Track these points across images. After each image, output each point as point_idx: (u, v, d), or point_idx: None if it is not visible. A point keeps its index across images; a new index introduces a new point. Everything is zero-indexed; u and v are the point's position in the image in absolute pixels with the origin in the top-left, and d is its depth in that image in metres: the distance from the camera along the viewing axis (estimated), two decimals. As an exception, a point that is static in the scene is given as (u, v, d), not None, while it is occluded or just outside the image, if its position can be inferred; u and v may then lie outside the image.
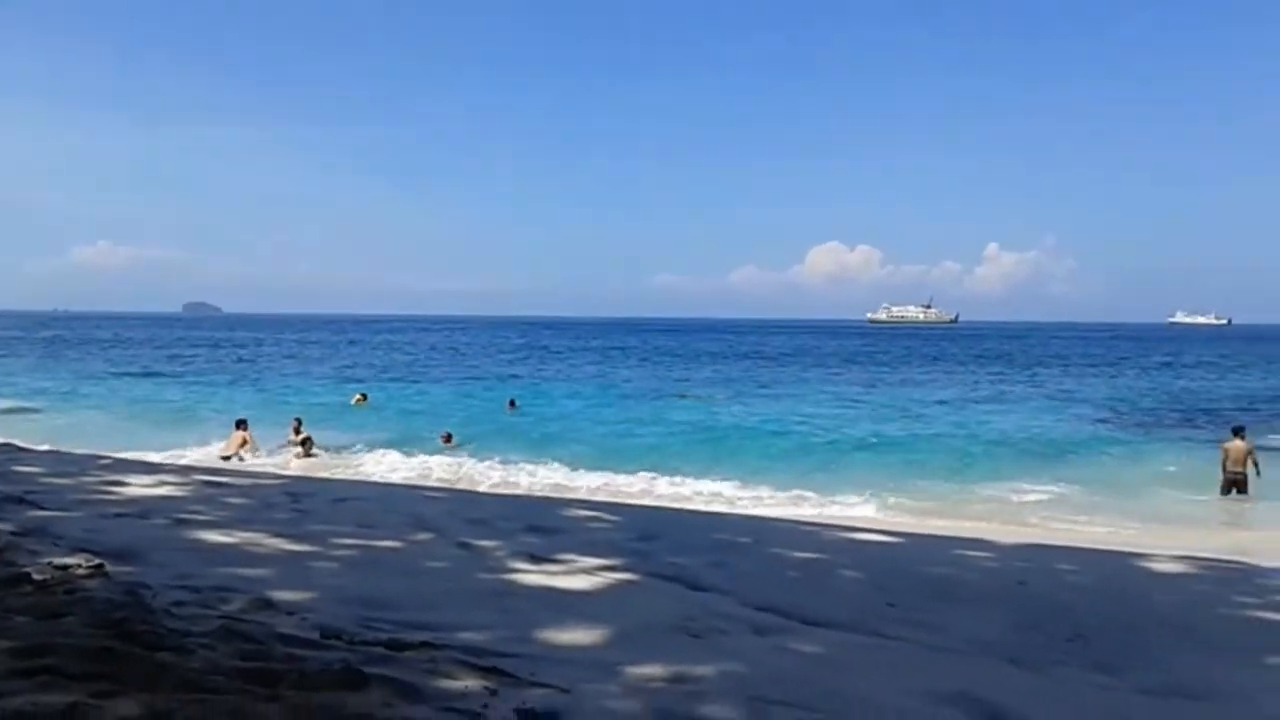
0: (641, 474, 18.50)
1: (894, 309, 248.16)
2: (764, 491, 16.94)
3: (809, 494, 16.53)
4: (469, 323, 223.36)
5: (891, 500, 16.34)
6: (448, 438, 22.98)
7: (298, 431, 21.69)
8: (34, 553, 6.15)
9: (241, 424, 21.51)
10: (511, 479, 17.76)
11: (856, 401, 36.36)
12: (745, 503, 15.78)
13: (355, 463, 20.20)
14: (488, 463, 19.63)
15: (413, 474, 18.35)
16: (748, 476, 18.53)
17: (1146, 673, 5.56)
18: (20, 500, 8.20)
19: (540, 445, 22.78)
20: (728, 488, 17.36)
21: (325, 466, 19.35)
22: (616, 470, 18.75)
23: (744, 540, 8.80)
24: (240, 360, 60.91)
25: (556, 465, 19.40)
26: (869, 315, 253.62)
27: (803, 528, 10.03)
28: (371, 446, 21.86)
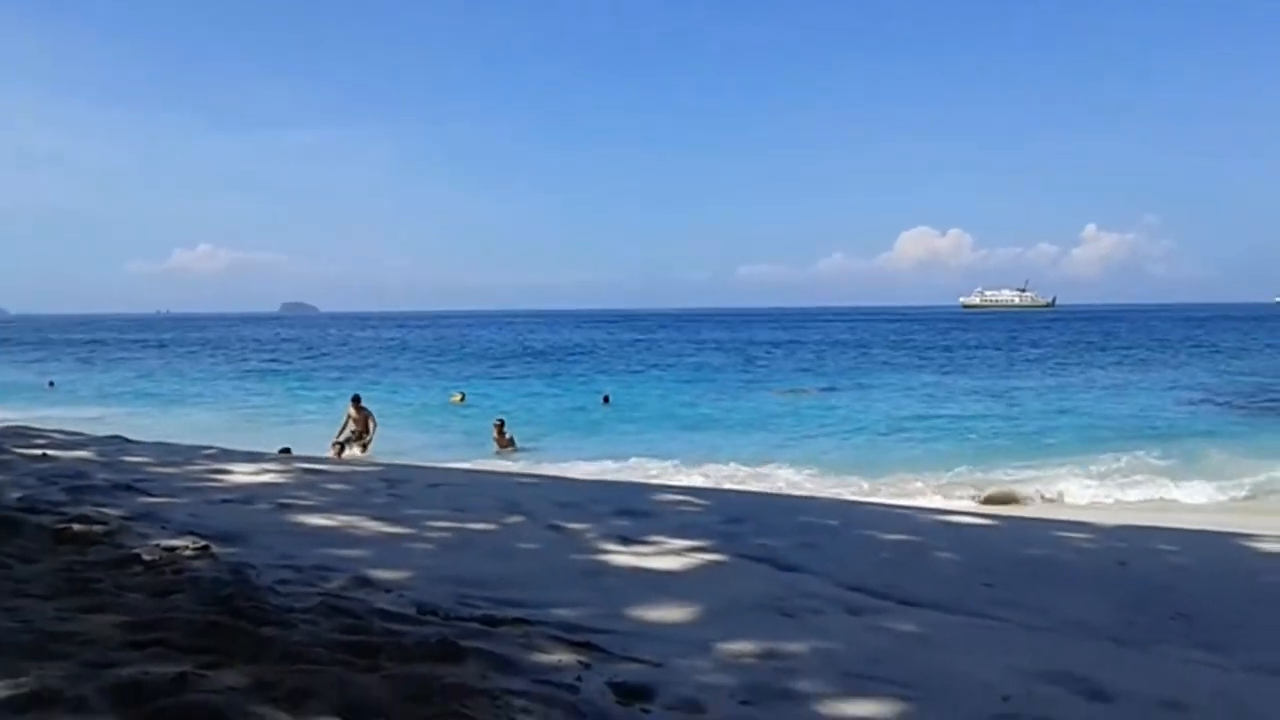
0: (733, 465, 18.46)
1: (988, 293, 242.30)
2: (857, 481, 16.78)
3: (911, 483, 16.29)
4: (556, 317, 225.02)
5: (992, 489, 15.99)
6: (502, 435, 22.51)
7: (501, 431, 21.80)
8: (143, 535, 6.41)
9: (357, 400, 21.17)
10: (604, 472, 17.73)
11: (954, 389, 35.68)
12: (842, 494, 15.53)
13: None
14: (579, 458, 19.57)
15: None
16: (846, 469, 18.37)
17: (1254, 651, 5.37)
18: (129, 487, 8.53)
19: (632, 439, 22.84)
20: (826, 479, 17.20)
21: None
22: (709, 463, 18.72)
23: (832, 522, 8.73)
24: (338, 358, 62.34)
25: (648, 460, 19.36)
26: (962, 299, 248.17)
27: (894, 510, 9.91)
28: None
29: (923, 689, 4.19)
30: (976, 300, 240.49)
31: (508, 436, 21.86)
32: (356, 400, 21.33)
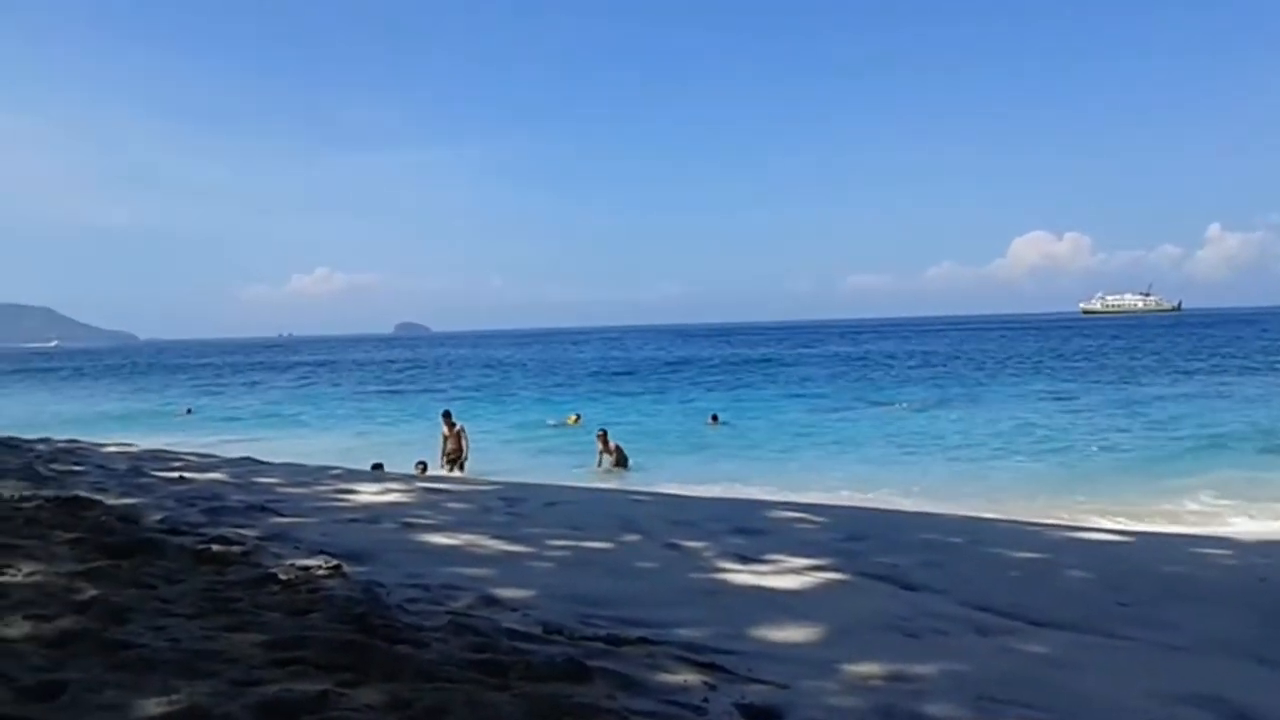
0: (846, 482, 18.16)
1: (1109, 298, 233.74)
2: (976, 498, 16.30)
3: (1034, 500, 15.73)
4: (658, 332, 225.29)
5: (1129, 508, 15.34)
6: (608, 445, 22.02)
7: (606, 441, 21.73)
8: (277, 555, 6.66)
9: (448, 416, 21.15)
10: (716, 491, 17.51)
11: (1076, 400, 34.43)
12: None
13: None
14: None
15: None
16: (962, 485, 17.91)
17: None
18: (262, 508, 8.87)
19: (742, 457, 22.65)
20: (943, 496, 16.74)
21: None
22: (821, 480, 18.42)
23: (957, 540, 8.53)
24: (451, 378, 63.57)
25: (759, 478, 19.13)
26: (1082, 305, 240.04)
27: (1021, 527, 9.62)
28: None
29: (1059, 713, 4.07)
30: (1098, 306, 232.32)
31: (614, 445, 21.59)
32: (448, 416, 21.43)
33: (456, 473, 19.82)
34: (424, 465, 19.31)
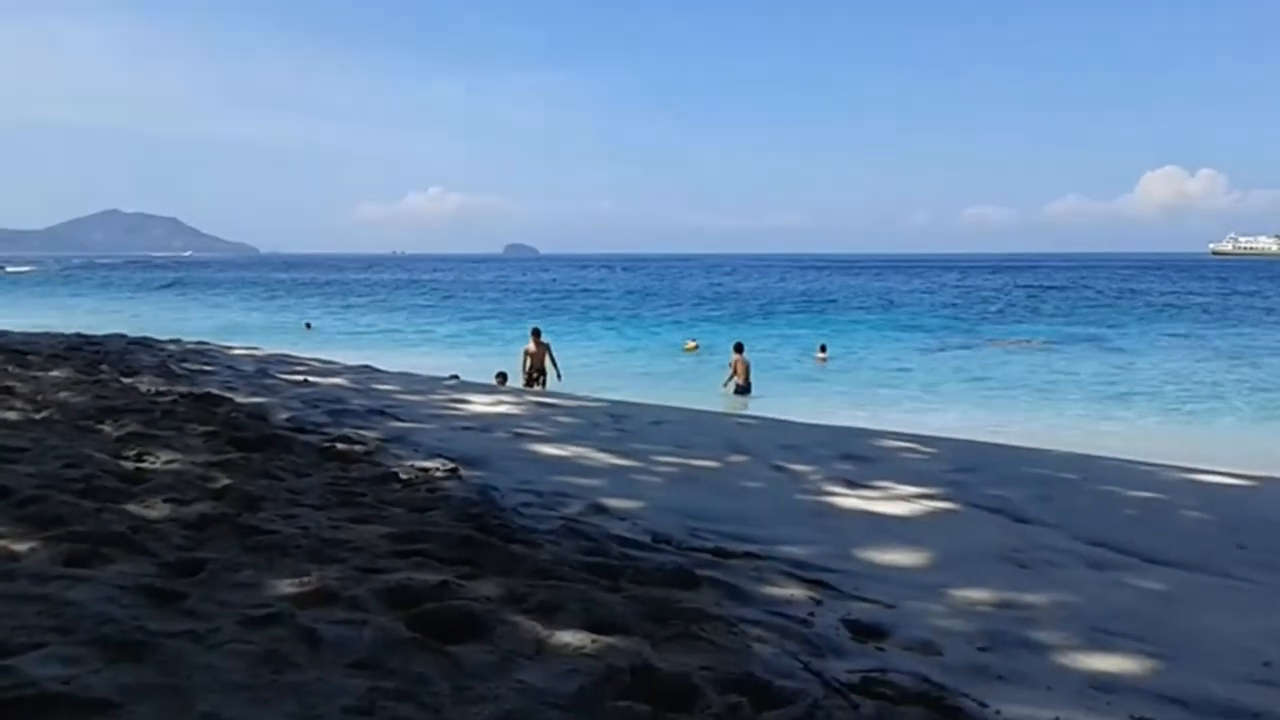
0: (953, 418, 17.77)
1: (1243, 240, 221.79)
2: (1087, 437, 15.78)
3: (1146, 440, 15.14)
4: (770, 261, 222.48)
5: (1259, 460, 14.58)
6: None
7: (740, 357, 21.00)
8: (397, 456, 6.92)
9: (537, 334, 20.71)
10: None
11: (1199, 345, 32.89)
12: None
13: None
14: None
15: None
16: (1074, 425, 17.37)
17: None
18: (381, 412, 9.19)
19: (848, 390, 22.33)
20: (1056, 435, 16.20)
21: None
22: (926, 415, 18.04)
23: (1070, 476, 8.34)
24: (564, 301, 64.07)
25: (866, 409, 18.75)
26: (1212, 246, 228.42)
27: (1136, 466, 9.34)
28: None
29: (1172, 647, 3.99)
30: (1229, 247, 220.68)
31: (745, 363, 21.03)
32: (536, 334, 20.97)
33: (536, 388, 19.80)
34: (504, 376, 19.39)
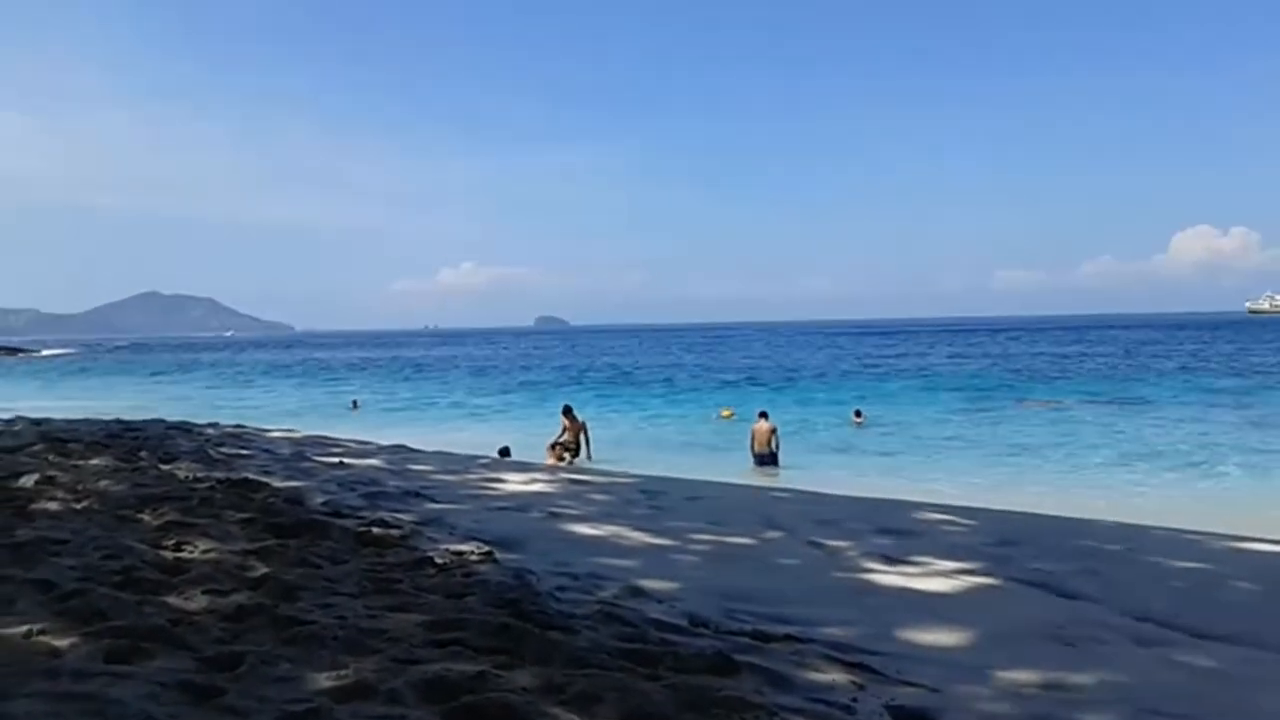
0: (993, 483, 17.52)
1: (1279, 298, 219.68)
2: (1127, 503, 15.48)
3: (1191, 509, 14.76)
4: (800, 329, 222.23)
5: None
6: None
7: (765, 423, 20.47)
8: (433, 540, 6.92)
9: (568, 411, 20.94)
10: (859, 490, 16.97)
11: (1236, 404, 32.22)
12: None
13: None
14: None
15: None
16: (1110, 489, 17.08)
17: None
18: (417, 494, 9.22)
19: (885, 455, 22.12)
20: (1092, 501, 15.93)
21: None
22: (967, 481, 17.80)
23: (1114, 547, 8.19)
24: (591, 373, 64.25)
25: (904, 476, 18.48)
26: (1248, 304, 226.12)
27: (1182, 535, 9.16)
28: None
29: (1230, 731, 3.89)
30: (1266, 305, 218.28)
31: (772, 428, 20.66)
32: (568, 411, 21.34)
33: (570, 461, 19.88)
34: (507, 450, 19.42)
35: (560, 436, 20.46)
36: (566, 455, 20.10)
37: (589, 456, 20.17)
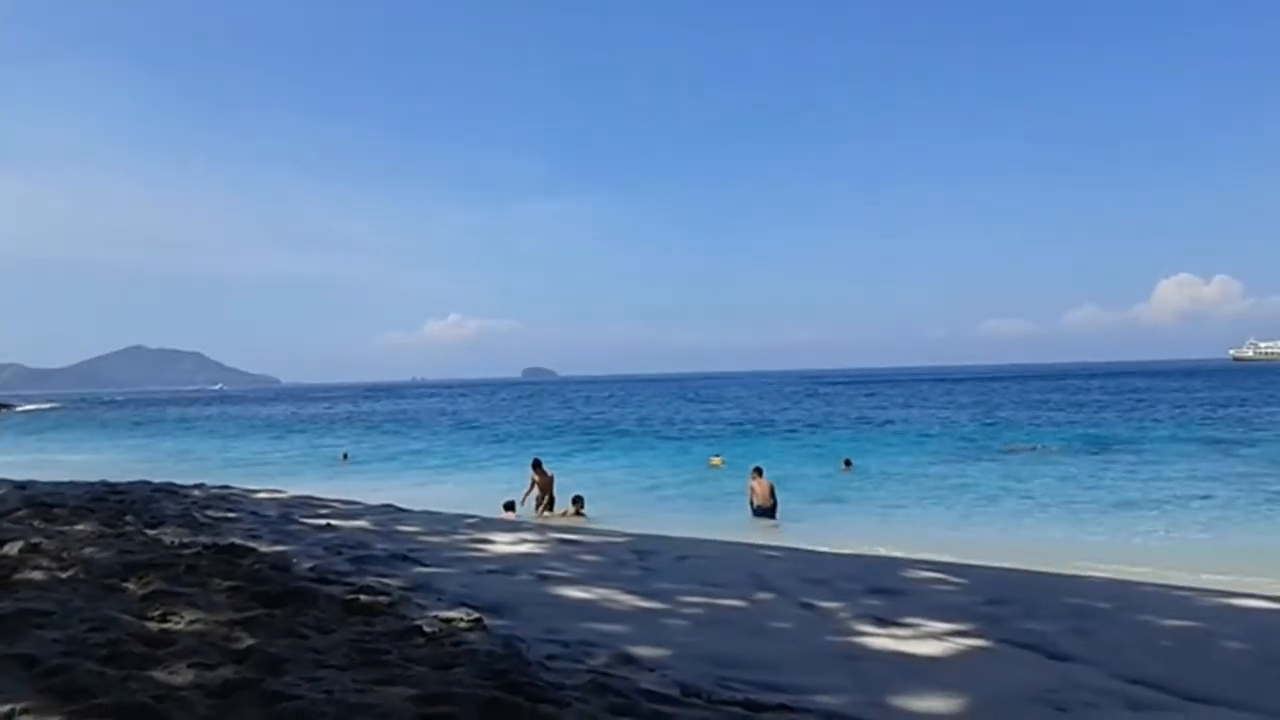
0: (984, 533, 17.55)
1: (1263, 345, 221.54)
2: (1116, 553, 15.48)
3: (1179, 562, 14.71)
4: (785, 378, 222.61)
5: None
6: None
7: (760, 479, 20.53)
8: (421, 606, 6.85)
9: (537, 465, 21.22)
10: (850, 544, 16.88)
11: (1226, 452, 32.35)
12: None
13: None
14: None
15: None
16: (1098, 538, 17.11)
17: None
18: (404, 557, 9.15)
19: (876, 507, 22.09)
20: (1082, 551, 15.95)
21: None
22: (956, 531, 17.84)
23: (1104, 605, 8.18)
24: (580, 424, 64.08)
25: (896, 530, 18.48)
26: (1232, 352, 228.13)
27: (1172, 591, 9.16)
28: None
29: (1225, 800, 3.87)
30: (1249, 353, 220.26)
31: (767, 484, 20.72)
32: (537, 464, 21.66)
33: (550, 515, 20.31)
34: (511, 505, 19.73)
35: (530, 490, 20.74)
36: (548, 504, 20.52)
37: (550, 507, 20.69)
